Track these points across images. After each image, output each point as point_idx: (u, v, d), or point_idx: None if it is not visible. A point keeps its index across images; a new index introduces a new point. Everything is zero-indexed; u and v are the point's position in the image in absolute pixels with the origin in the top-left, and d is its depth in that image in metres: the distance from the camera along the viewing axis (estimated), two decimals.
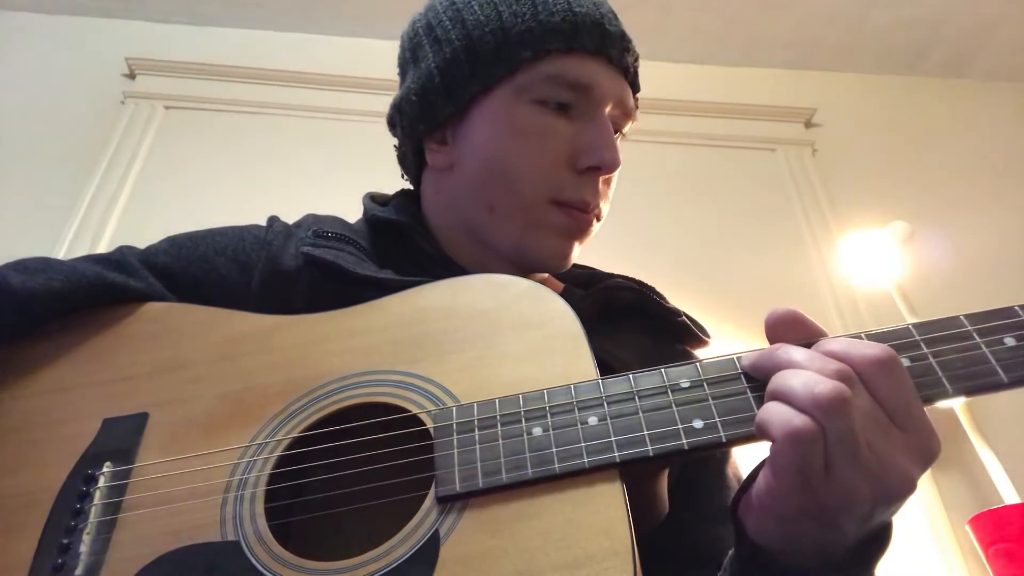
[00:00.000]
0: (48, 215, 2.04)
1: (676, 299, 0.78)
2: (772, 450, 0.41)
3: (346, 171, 2.17)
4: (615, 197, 0.71)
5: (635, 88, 0.73)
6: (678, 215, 2.31)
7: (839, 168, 2.48)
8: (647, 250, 2.17)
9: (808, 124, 2.59)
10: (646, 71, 0.77)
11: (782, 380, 0.41)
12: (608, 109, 0.68)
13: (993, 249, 2.24)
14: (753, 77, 2.69)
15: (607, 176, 0.68)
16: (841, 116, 2.61)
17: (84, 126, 2.25)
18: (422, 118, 0.71)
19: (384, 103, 0.78)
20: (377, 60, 2.57)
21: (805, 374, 0.40)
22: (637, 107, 0.74)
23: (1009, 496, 1.64)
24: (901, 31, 2.58)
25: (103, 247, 1.98)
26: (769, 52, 2.67)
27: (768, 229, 2.32)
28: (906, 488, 0.39)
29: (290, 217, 0.78)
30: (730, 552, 0.49)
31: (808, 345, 0.44)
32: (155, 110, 2.30)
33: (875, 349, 0.41)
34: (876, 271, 2.08)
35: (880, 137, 2.58)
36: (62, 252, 1.95)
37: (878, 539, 0.44)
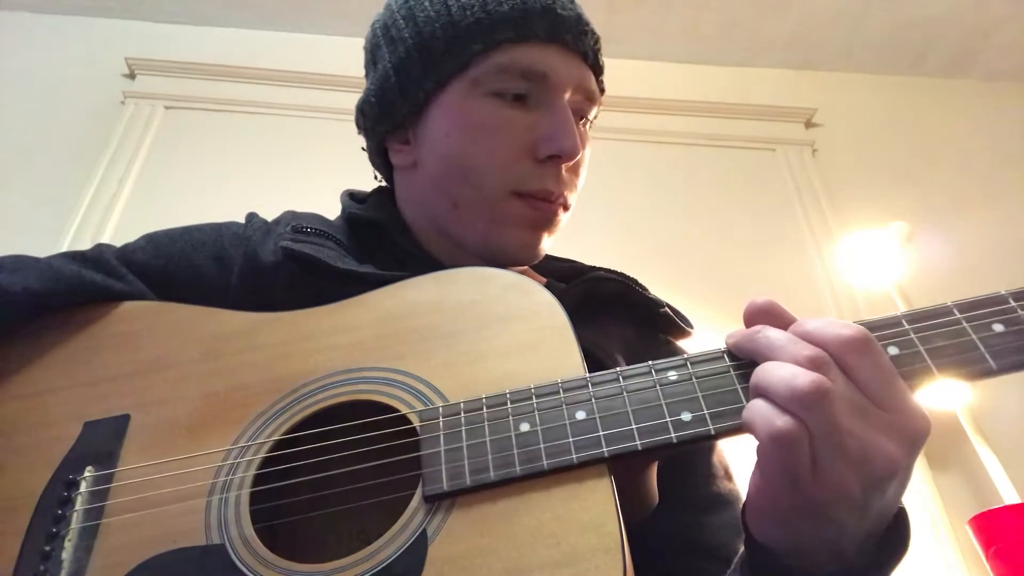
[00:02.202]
0: (48, 215, 2.04)
1: (676, 299, 0.77)
2: (758, 451, 0.40)
3: (346, 171, 2.16)
4: (615, 196, 0.71)
5: (597, 71, 0.72)
6: (678, 215, 2.31)
7: (839, 168, 2.48)
8: (647, 250, 2.17)
9: (808, 124, 2.58)
10: (647, 71, 0.77)
11: (763, 375, 0.41)
12: (568, 95, 0.67)
13: (993, 249, 2.23)
14: (753, 77, 2.68)
15: (571, 164, 0.67)
16: (841, 116, 2.60)
17: (84, 126, 2.24)
18: (381, 119, 0.71)
19: None
20: None
21: (785, 369, 0.40)
22: (603, 91, 0.73)
23: (1009, 496, 1.63)
24: (901, 31, 2.58)
25: None
26: (769, 52, 2.66)
27: (768, 229, 2.31)
28: (890, 469, 0.38)
29: None
30: (740, 551, 0.49)
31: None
32: (155, 110, 2.30)
33: (849, 330, 0.41)
34: (876, 271, 2.07)
35: (880, 137, 2.57)
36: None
37: (893, 538, 0.43)
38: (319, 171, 2.19)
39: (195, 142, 2.25)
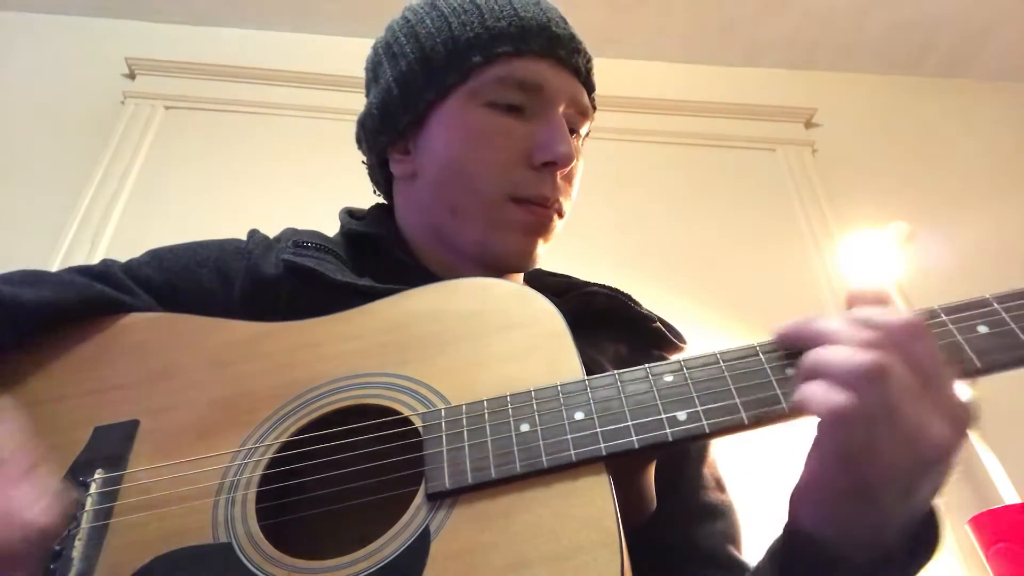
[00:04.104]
0: (48, 215, 2.04)
1: (675, 299, 0.78)
2: (817, 429, 0.42)
3: (345, 171, 2.17)
4: (615, 196, 0.72)
5: (589, 88, 0.75)
6: (678, 215, 2.31)
7: (839, 168, 2.48)
8: (647, 250, 2.17)
9: (808, 124, 2.58)
10: (647, 71, 0.77)
11: (819, 356, 0.42)
12: (562, 108, 0.70)
13: (993, 249, 2.23)
14: (753, 77, 2.69)
15: (566, 172, 0.70)
16: (841, 116, 2.61)
17: (84, 126, 2.25)
18: (383, 130, 0.73)
19: None
20: None
21: (842, 349, 0.41)
22: (594, 107, 0.76)
23: (1009, 496, 1.64)
24: (901, 31, 2.58)
25: (103, 247, 1.99)
26: (769, 52, 2.67)
27: (768, 229, 2.32)
28: (940, 451, 0.40)
29: (286, 217, 0.79)
30: (772, 544, 0.50)
31: None
32: (155, 110, 2.30)
33: (904, 316, 0.43)
34: (876, 271, 2.07)
35: (880, 137, 2.58)
36: (62, 252, 1.95)
37: (928, 532, 0.45)
38: (318, 171, 2.20)
39: (195, 142, 2.26)
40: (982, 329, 0.45)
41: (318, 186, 2.16)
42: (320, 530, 0.52)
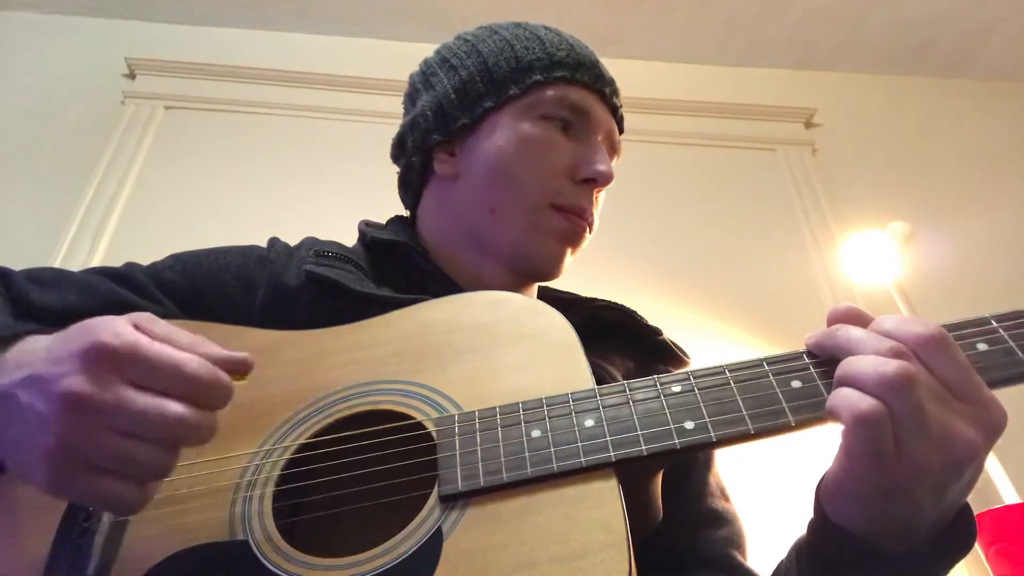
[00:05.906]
0: (48, 215, 2.04)
1: (675, 298, 0.79)
2: (843, 434, 0.43)
3: (345, 171, 2.18)
4: (616, 197, 0.74)
5: (620, 128, 0.82)
6: (678, 215, 2.31)
7: (839, 168, 2.48)
8: (647, 250, 2.17)
9: (808, 124, 2.59)
10: (647, 71, 0.79)
11: (849, 366, 0.44)
12: (599, 137, 0.76)
13: (993, 249, 2.24)
14: (753, 77, 2.69)
15: (598, 191, 0.76)
16: (841, 116, 2.61)
17: (84, 126, 2.25)
18: (436, 128, 0.77)
19: (384, 103, 0.80)
20: (377, 60, 2.58)
21: (870, 358, 0.43)
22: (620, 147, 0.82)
23: (1009, 496, 1.64)
24: (901, 31, 2.59)
25: (103, 247, 1.98)
26: (769, 52, 2.67)
27: (768, 229, 2.32)
28: (970, 452, 0.42)
29: (288, 217, 0.79)
30: (798, 539, 0.52)
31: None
32: (155, 110, 2.30)
33: (925, 328, 0.45)
34: (876, 271, 2.08)
35: (880, 137, 2.58)
36: (62, 252, 1.95)
37: (959, 529, 0.46)
38: (318, 171, 2.20)
39: (195, 142, 2.26)
40: (981, 347, 0.48)
41: (318, 185, 2.16)
42: (334, 530, 0.53)
